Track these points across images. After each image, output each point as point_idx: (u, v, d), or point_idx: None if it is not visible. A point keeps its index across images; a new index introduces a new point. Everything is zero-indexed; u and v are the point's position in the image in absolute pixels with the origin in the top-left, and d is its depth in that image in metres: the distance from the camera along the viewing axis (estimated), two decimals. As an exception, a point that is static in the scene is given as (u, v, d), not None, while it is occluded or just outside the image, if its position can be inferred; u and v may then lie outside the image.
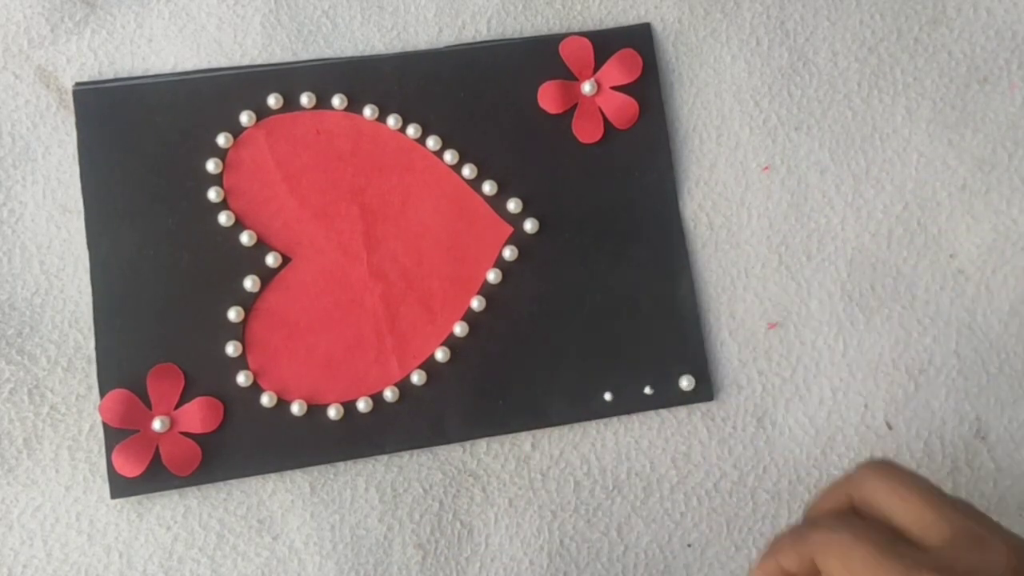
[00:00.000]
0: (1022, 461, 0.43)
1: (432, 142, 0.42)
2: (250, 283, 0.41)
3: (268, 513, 0.40)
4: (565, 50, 0.43)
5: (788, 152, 0.44)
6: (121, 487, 0.39)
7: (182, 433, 0.40)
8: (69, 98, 0.41)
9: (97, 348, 0.40)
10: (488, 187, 0.42)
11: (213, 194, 0.41)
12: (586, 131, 0.43)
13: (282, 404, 0.41)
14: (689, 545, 0.41)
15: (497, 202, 0.42)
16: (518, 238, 0.42)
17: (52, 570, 0.39)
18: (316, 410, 0.41)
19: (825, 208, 0.44)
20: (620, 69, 0.43)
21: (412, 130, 0.42)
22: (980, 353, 0.43)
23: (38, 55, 0.42)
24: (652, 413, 0.42)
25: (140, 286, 0.40)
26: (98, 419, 0.40)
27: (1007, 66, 0.45)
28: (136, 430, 0.39)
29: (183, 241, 0.41)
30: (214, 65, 0.42)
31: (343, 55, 0.43)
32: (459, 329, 0.41)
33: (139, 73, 0.42)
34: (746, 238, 0.43)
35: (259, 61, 0.42)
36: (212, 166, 0.41)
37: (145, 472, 0.39)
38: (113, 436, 0.39)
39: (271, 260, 0.41)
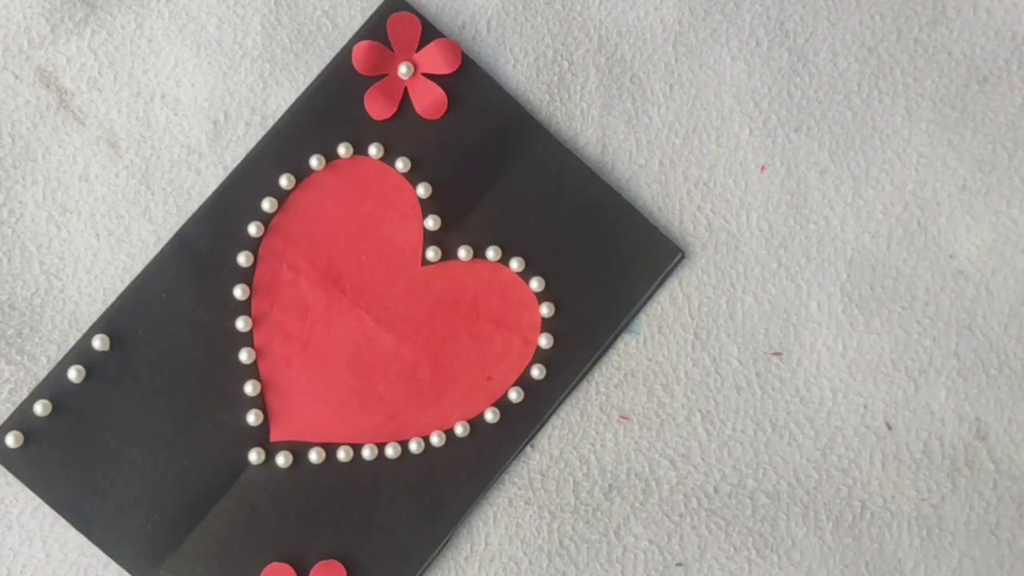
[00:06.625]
0: (1022, 461, 0.43)
1: None
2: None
3: (268, 513, 0.40)
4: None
5: (788, 153, 0.44)
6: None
7: None
8: (69, 98, 0.41)
9: None
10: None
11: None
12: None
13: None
14: (689, 546, 0.41)
15: None
16: None
17: (52, 570, 0.39)
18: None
19: (825, 209, 0.44)
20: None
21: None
22: (980, 353, 0.43)
23: (38, 55, 0.42)
24: (652, 415, 0.42)
25: None
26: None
27: (1007, 66, 0.45)
28: None
29: None
30: (214, 65, 0.42)
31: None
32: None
33: (139, 72, 0.42)
34: (745, 239, 0.43)
35: (259, 61, 0.42)
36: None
37: None
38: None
39: None
